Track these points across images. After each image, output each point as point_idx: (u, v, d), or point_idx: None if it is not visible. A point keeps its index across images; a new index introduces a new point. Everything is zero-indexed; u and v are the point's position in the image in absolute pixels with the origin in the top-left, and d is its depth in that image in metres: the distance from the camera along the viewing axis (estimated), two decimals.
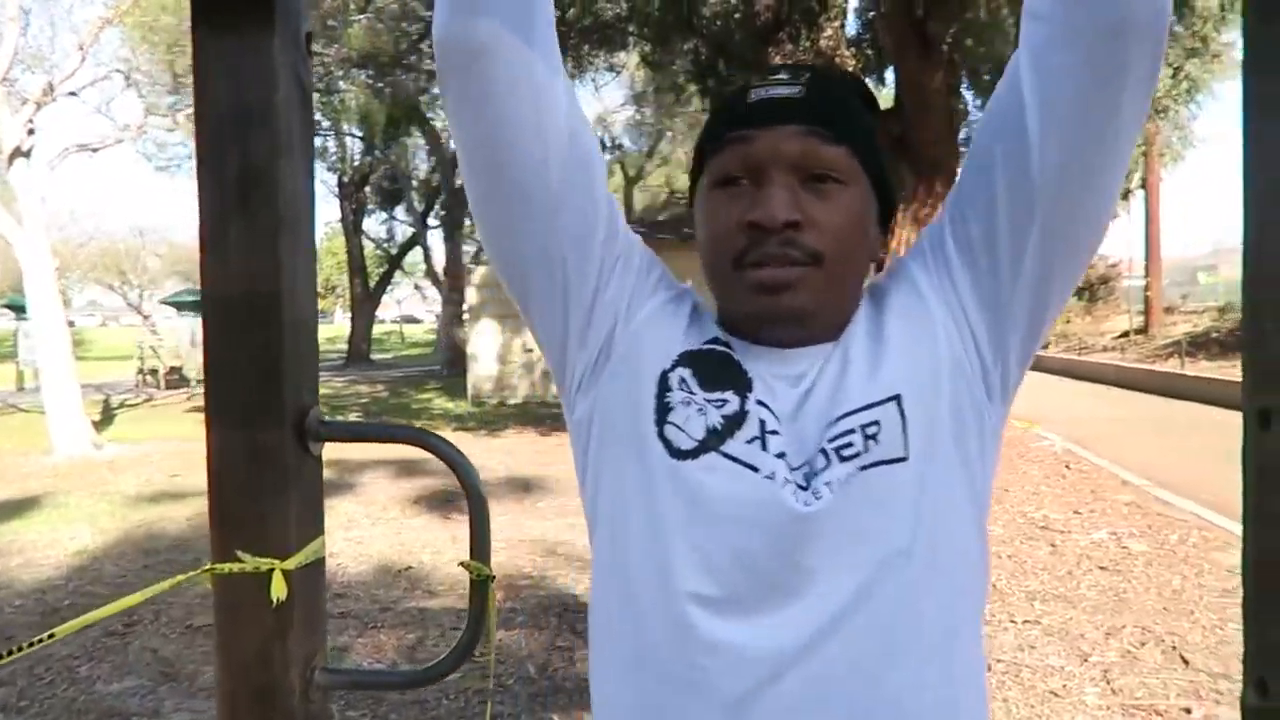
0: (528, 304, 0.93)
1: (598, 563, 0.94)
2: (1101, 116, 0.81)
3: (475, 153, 0.87)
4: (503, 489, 7.63)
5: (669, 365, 0.88)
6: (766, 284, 0.84)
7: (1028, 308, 0.87)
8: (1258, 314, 1.35)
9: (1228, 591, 4.65)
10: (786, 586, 0.82)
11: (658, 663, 0.84)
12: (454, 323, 21.66)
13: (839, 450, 0.82)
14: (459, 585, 4.89)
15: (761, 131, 0.86)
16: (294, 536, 1.39)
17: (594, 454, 0.92)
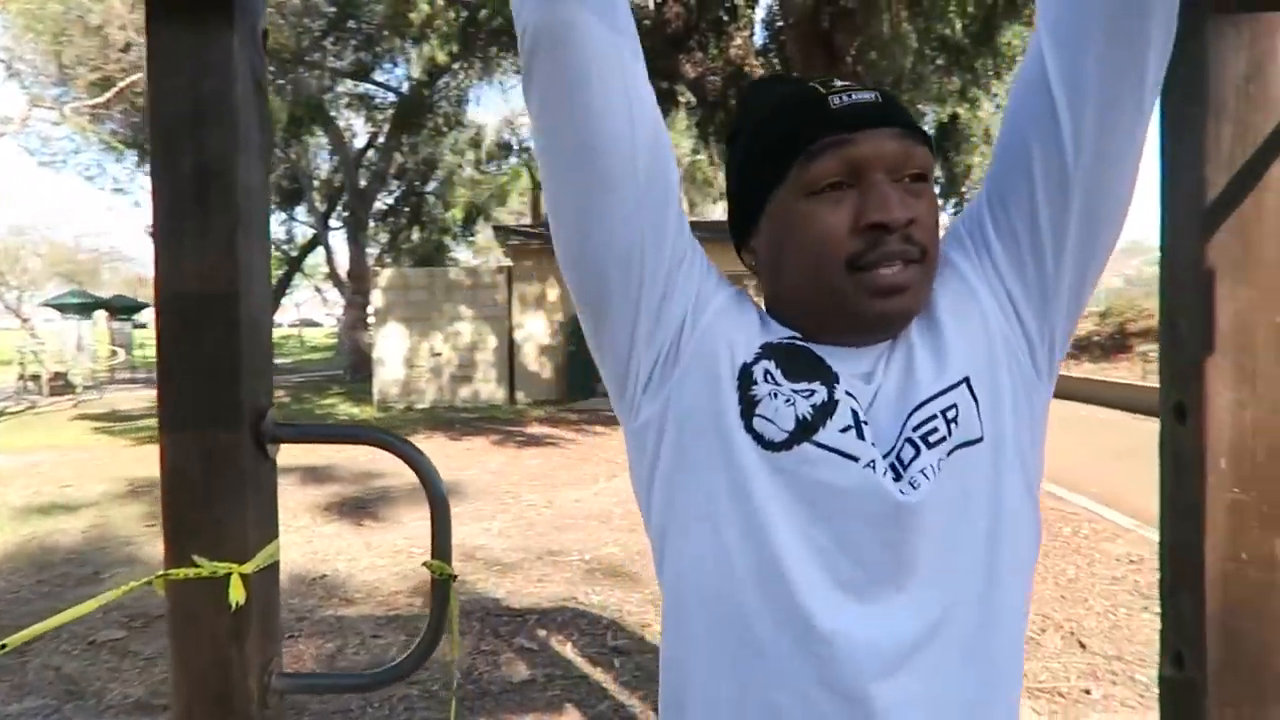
0: (602, 304, 0.90)
1: (678, 568, 0.91)
2: (1128, 94, 0.84)
3: (565, 138, 0.85)
4: (416, 495, 7.51)
5: (751, 359, 0.88)
6: (887, 288, 0.84)
7: (1071, 285, 0.90)
8: (1174, 318, 1.46)
9: (1117, 579, 4.92)
10: (895, 576, 0.83)
11: (773, 654, 0.84)
12: (358, 326, 21.17)
13: (925, 438, 0.84)
14: (376, 592, 4.81)
15: (859, 135, 0.86)
16: (251, 540, 1.37)
17: (667, 456, 0.90)
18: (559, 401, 15.08)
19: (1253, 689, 1.38)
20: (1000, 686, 0.87)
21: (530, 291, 15.92)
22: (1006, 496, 0.87)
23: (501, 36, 18.50)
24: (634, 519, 6.43)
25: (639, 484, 0.96)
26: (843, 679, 0.81)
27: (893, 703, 0.81)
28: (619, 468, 8.63)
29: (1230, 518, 1.37)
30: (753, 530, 0.84)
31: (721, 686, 0.87)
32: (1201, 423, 1.38)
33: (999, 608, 0.86)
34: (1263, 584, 1.37)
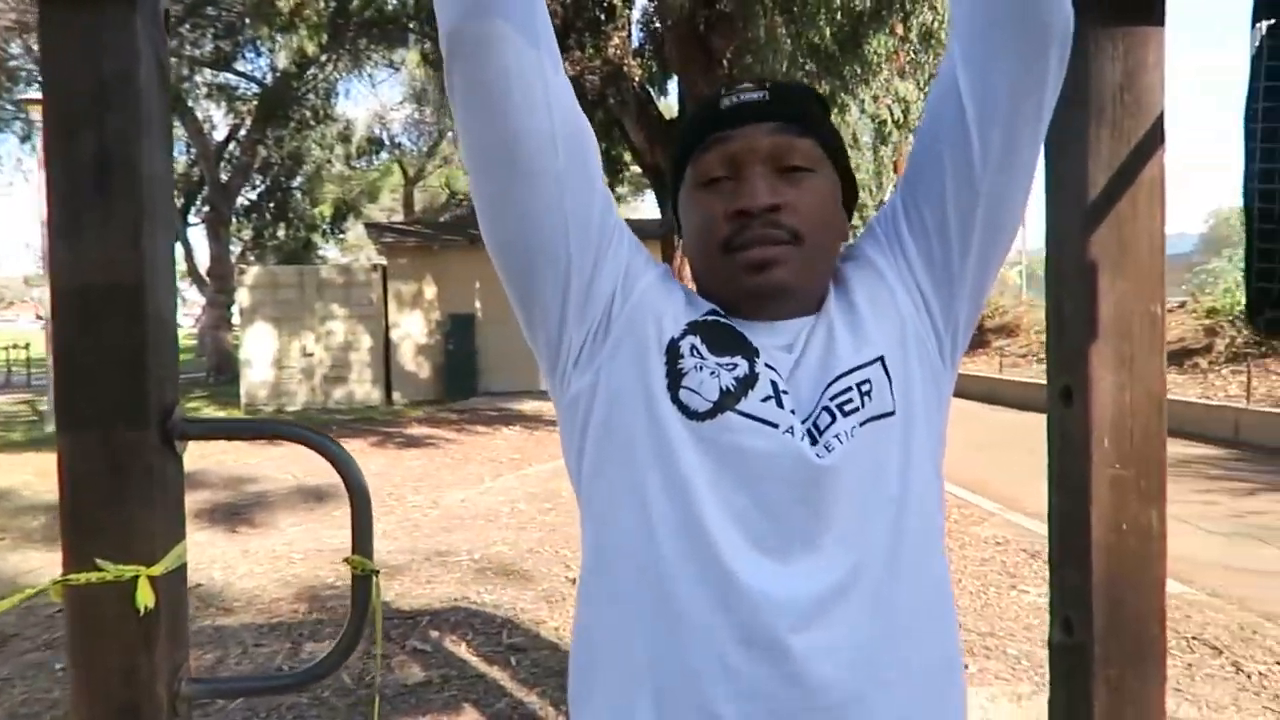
0: (529, 286, 0.95)
1: (600, 534, 0.95)
2: (1029, 114, 0.94)
3: (486, 134, 0.90)
4: (293, 498, 7.26)
5: (678, 334, 0.94)
6: (755, 262, 0.92)
7: (973, 280, 0.99)
8: (1060, 308, 1.57)
9: (986, 560, 5.21)
10: (808, 535, 0.89)
11: (691, 617, 0.87)
12: (221, 326, 20.27)
13: (840, 406, 0.91)
14: (256, 600, 4.64)
15: (738, 131, 0.96)
16: (159, 541, 1.32)
17: (596, 427, 0.95)
18: (438, 401, 14.82)
19: (1133, 650, 1.49)
20: (914, 642, 0.92)
21: (406, 290, 15.60)
22: (914, 468, 0.94)
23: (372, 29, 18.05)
24: (522, 518, 6.41)
25: (569, 454, 1.00)
26: (761, 633, 0.86)
27: (808, 652, 0.86)
28: (504, 467, 8.57)
29: (1112, 493, 1.49)
30: (677, 495, 0.89)
31: (635, 652, 0.90)
32: (1087, 405, 1.49)
33: (906, 567, 0.91)
34: (1141, 553, 1.49)
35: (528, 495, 7.21)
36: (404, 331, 15.52)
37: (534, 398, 14.61)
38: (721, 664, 0.87)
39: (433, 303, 15.60)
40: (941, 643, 0.96)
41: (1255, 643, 3.89)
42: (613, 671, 0.93)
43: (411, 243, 16.14)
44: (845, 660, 0.87)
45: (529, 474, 8.19)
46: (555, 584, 4.81)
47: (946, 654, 0.96)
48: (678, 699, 0.88)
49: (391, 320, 15.46)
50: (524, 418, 12.30)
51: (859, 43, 12.35)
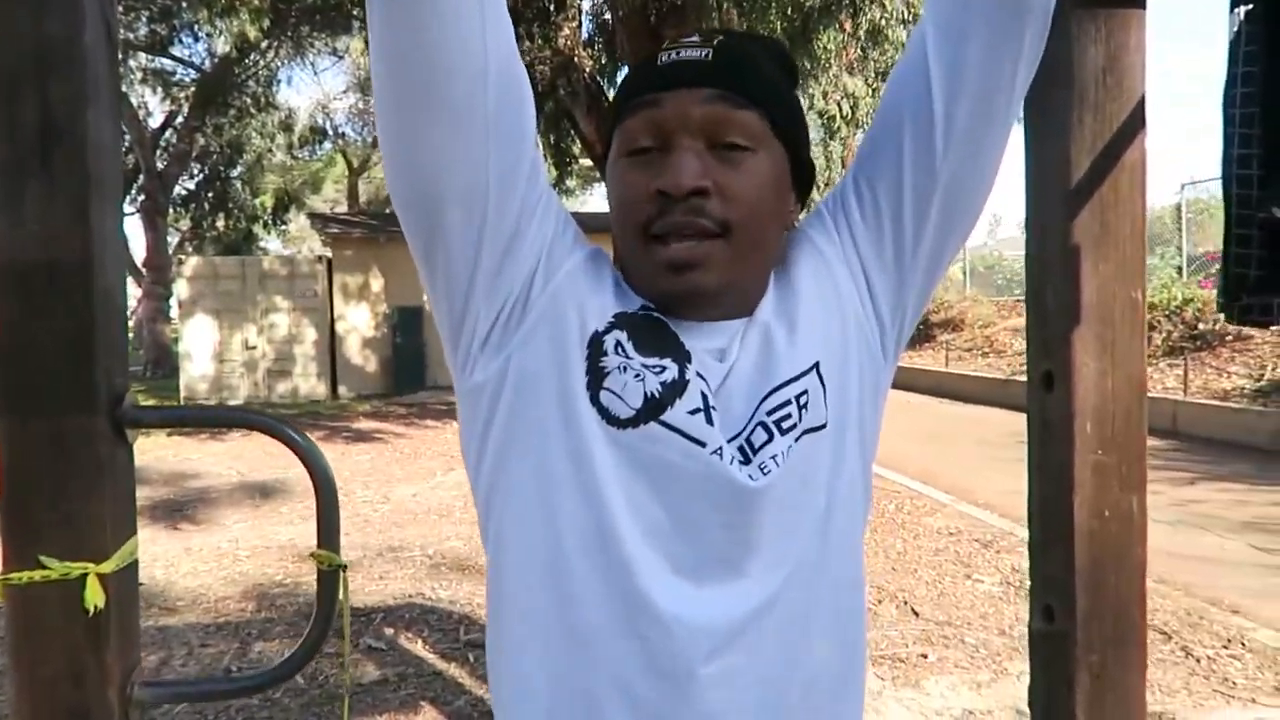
0: (434, 241, 0.82)
1: (504, 540, 0.86)
2: (1000, 92, 0.86)
3: (410, 58, 0.76)
4: (238, 495, 7.08)
5: (603, 327, 0.83)
6: (674, 262, 0.81)
7: (926, 268, 0.92)
8: (1041, 292, 1.55)
9: (940, 550, 5.26)
10: (731, 559, 0.82)
11: (596, 637, 0.81)
12: (158, 318, 19.73)
13: (778, 423, 0.83)
14: (201, 599, 4.50)
15: (669, 95, 0.83)
16: (109, 536, 1.23)
17: (502, 420, 0.84)
18: (386, 395, 14.60)
19: (1114, 636, 1.48)
20: (822, 659, 0.87)
21: (352, 282, 15.33)
22: (843, 478, 0.87)
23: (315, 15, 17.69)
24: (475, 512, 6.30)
25: (468, 446, 0.89)
26: (669, 661, 0.80)
27: (716, 680, 0.80)
28: (455, 461, 8.44)
29: (1095, 479, 1.47)
30: (590, 502, 0.81)
31: (535, 676, 0.83)
32: (1069, 390, 1.47)
33: (826, 581, 0.86)
34: (1123, 539, 1.48)
35: None
36: (350, 324, 15.25)
37: None
38: (625, 691, 0.80)
39: (379, 295, 15.36)
40: (847, 652, 0.91)
41: (1203, 628, 3.98)
42: (510, 689, 0.86)
43: (357, 234, 15.85)
44: (748, 684, 0.82)
45: None
46: None
47: (851, 663, 0.91)
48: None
49: (337, 313, 15.18)
50: None
51: (809, 38, 12.41)
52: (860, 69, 14.89)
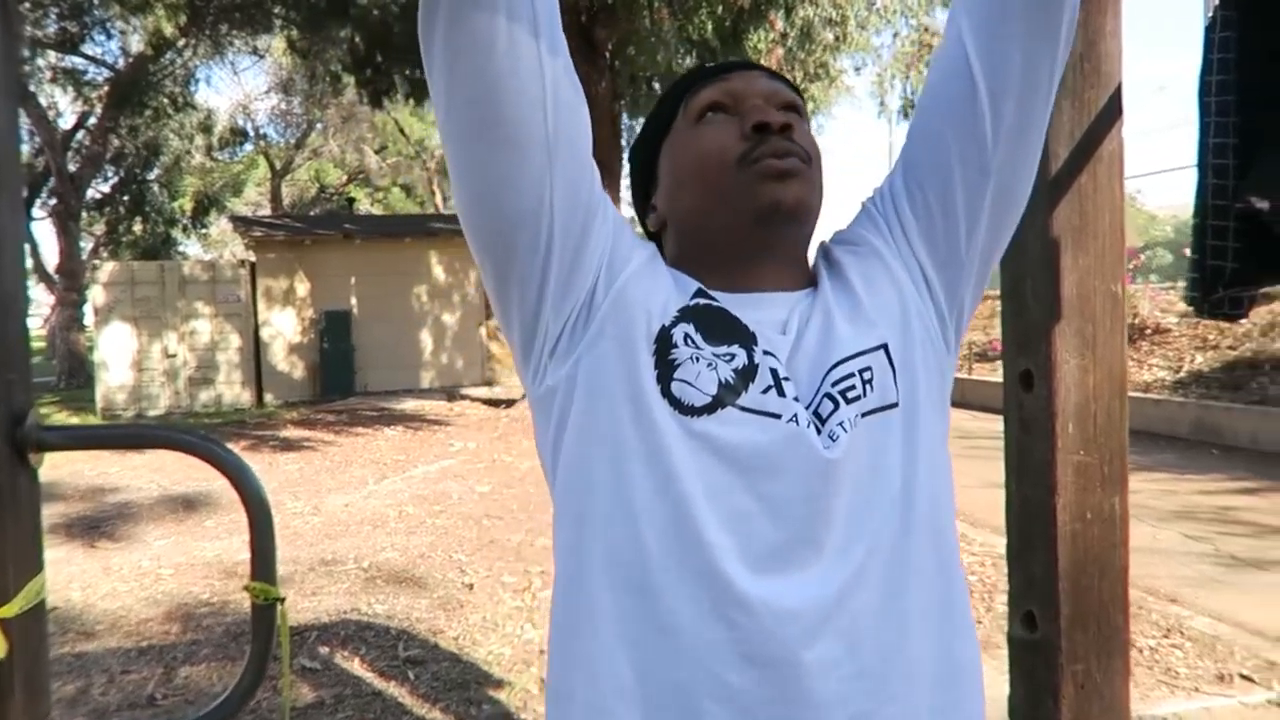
0: (507, 265, 0.86)
1: (580, 539, 0.86)
2: (1042, 83, 0.89)
3: (472, 88, 0.81)
4: (160, 509, 6.76)
5: (669, 321, 0.86)
6: (779, 169, 0.87)
7: (980, 261, 0.94)
8: (1018, 287, 1.49)
9: None
10: (812, 536, 0.81)
11: (684, 629, 0.79)
12: (72, 326, 18.92)
13: (844, 393, 0.84)
14: (122, 622, 4.25)
15: (733, 73, 0.94)
16: (11, 575, 1.09)
17: (575, 422, 0.86)
18: (314, 402, 14.21)
19: (1098, 643, 1.43)
20: (923, 650, 0.84)
21: (277, 286, 14.89)
22: (921, 460, 0.87)
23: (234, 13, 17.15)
24: (411, 522, 6.13)
25: (544, 451, 0.93)
26: (766, 648, 0.79)
27: (814, 667, 0.79)
28: (388, 468, 8.22)
29: (1077, 479, 1.42)
30: (668, 495, 0.81)
31: (619, 669, 0.82)
32: (1050, 389, 1.42)
33: (915, 569, 0.85)
34: (1105, 541, 1.43)
35: (415, 498, 6.92)
36: (275, 330, 14.80)
37: (415, 396, 14.19)
38: (720, 682, 0.79)
39: (306, 299, 14.94)
40: (952, 647, 0.87)
41: (1143, 618, 4.02)
42: (593, 692, 0.83)
43: (281, 237, 15.40)
44: (850, 674, 0.80)
45: (415, 475, 7.88)
46: (451, 590, 4.59)
47: (958, 659, 0.87)
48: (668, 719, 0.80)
49: (261, 318, 14.72)
50: (406, 417, 11.90)
51: (740, 37, 12.44)
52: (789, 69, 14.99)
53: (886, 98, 15.54)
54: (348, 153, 30.71)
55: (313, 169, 34.04)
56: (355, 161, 31.71)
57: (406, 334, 15.48)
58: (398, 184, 34.34)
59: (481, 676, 3.49)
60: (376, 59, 13.26)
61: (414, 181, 34.17)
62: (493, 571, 4.89)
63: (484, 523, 6.05)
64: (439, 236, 16.16)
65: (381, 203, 35.31)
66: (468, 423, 11.29)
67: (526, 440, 9.66)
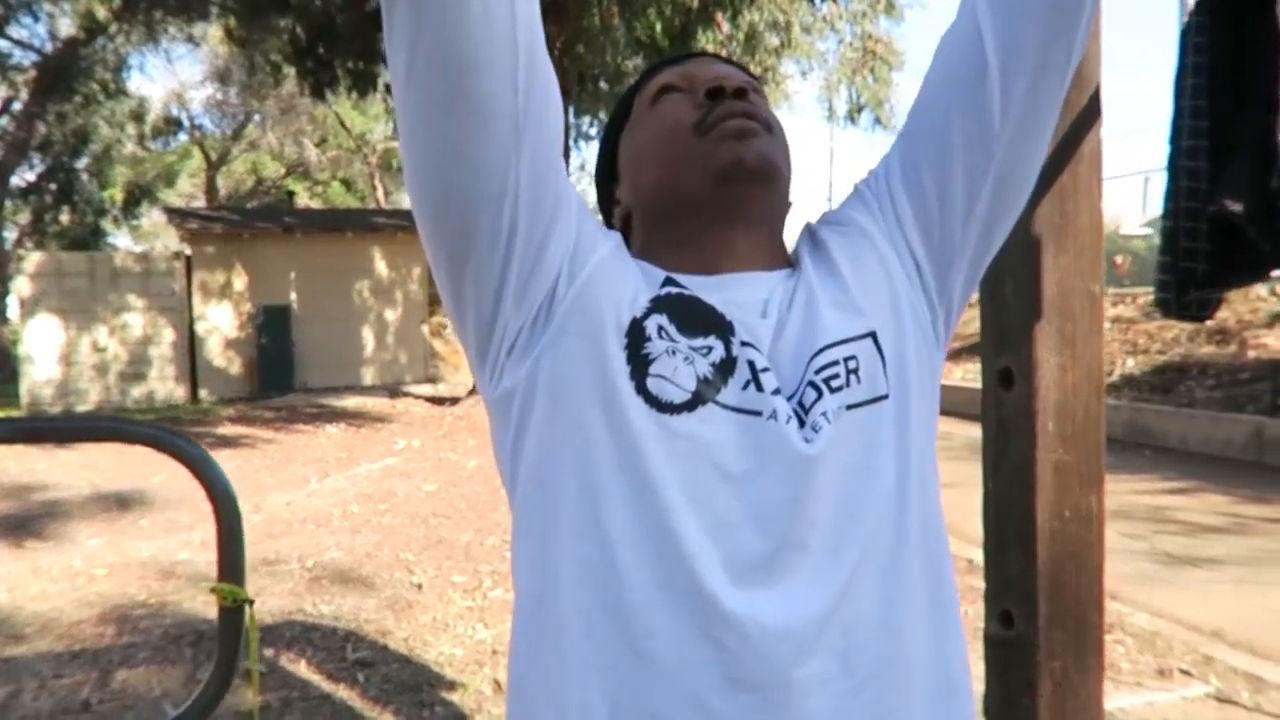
0: (464, 254, 0.79)
1: (544, 554, 0.79)
2: (1059, 63, 0.85)
3: (438, 56, 0.73)
4: (92, 507, 6.53)
5: (640, 313, 0.80)
6: (738, 128, 0.84)
7: (975, 250, 0.90)
8: (998, 286, 1.50)
9: None
10: (798, 540, 0.76)
11: (663, 651, 0.73)
12: None
13: (827, 382, 0.80)
14: (53, 625, 4.09)
15: (691, 60, 0.93)
16: None
17: (536, 429, 0.79)
18: (252, 398, 13.88)
19: (1075, 640, 1.44)
20: (918, 664, 0.80)
21: (213, 280, 14.53)
22: (912, 455, 0.83)
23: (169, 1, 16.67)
24: (356, 520, 6.01)
25: (502, 458, 0.86)
26: (752, 670, 0.73)
27: (808, 688, 0.74)
28: (331, 466, 8.06)
29: (1056, 478, 1.43)
30: (643, 502, 0.75)
31: (589, 697, 0.75)
32: (1031, 387, 1.42)
33: (909, 572, 0.80)
34: (1083, 539, 1.44)
35: (360, 496, 6.79)
36: (211, 324, 14.44)
37: (357, 393, 13.96)
38: (703, 709, 0.73)
39: (243, 294, 14.60)
40: (947, 654, 0.83)
41: None
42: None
43: (219, 229, 15.04)
44: (844, 690, 0.75)
45: (359, 474, 7.73)
46: (399, 590, 4.51)
47: (953, 666, 0.83)
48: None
49: (197, 312, 14.35)
50: (348, 414, 11.69)
51: (687, 38, 12.46)
52: None
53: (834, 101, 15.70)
54: (286, 145, 30.07)
55: (250, 161, 33.28)
56: (294, 154, 31.06)
57: (348, 330, 15.22)
58: (338, 178, 33.73)
59: (433, 678, 3.42)
60: (318, 50, 13.00)
61: (355, 176, 33.60)
62: (441, 571, 4.81)
63: (431, 521, 5.95)
64: (382, 232, 15.92)
65: (321, 197, 34.67)
66: (412, 420, 11.13)
67: (472, 438, 9.56)
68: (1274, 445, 7.20)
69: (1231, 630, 3.84)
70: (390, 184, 33.28)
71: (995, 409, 1.49)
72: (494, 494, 6.84)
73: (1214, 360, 9.26)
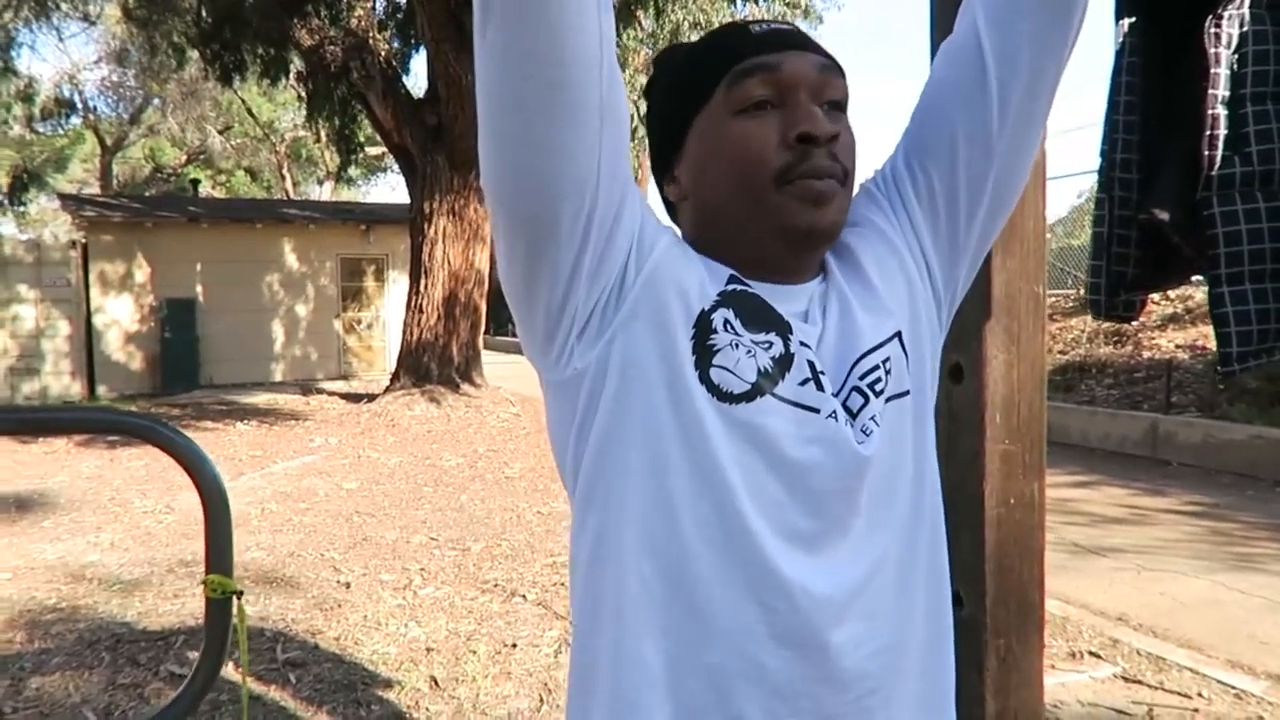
0: (545, 240, 0.80)
1: (610, 532, 0.84)
2: (1052, 69, 0.92)
3: (535, 40, 0.75)
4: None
5: (709, 306, 0.84)
6: (821, 196, 0.84)
7: (977, 243, 0.98)
8: None
9: None
10: (843, 524, 0.85)
11: (720, 614, 0.81)
12: None
13: (872, 386, 0.86)
14: (14, 620, 3.91)
15: (785, 58, 0.87)
16: None
17: (605, 409, 0.84)
18: (154, 394, 13.38)
19: (1018, 619, 1.54)
20: (924, 627, 0.91)
21: (112, 270, 13.95)
22: (926, 443, 0.93)
23: None
24: (276, 520, 5.88)
25: (562, 440, 0.89)
26: (800, 631, 0.82)
27: (845, 647, 0.83)
28: (244, 465, 7.84)
29: (1002, 467, 1.52)
30: (706, 480, 0.82)
31: (647, 657, 0.82)
32: (980, 382, 1.51)
33: (923, 550, 0.91)
34: (1026, 524, 1.54)
35: (278, 495, 6.63)
36: (110, 317, 13.86)
37: (267, 390, 13.60)
38: (754, 664, 0.81)
39: (145, 285, 14.06)
40: (941, 611, 0.95)
41: None
42: (618, 682, 0.83)
43: (119, 218, 14.43)
44: (871, 651, 0.85)
45: (275, 472, 7.54)
46: (326, 589, 4.43)
47: (944, 621, 0.96)
48: (701, 704, 0.82)
49: (94, 304, 13.75)
50: (258, 412, 11.37)
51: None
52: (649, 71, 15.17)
53: None
54: (188, 131, 28.99)
55: (148, 147, 32.04)
56: (196, 141, 29.99)
57: (256, 325, 14.80)
58: (243, 167, 32.72)
59: (368, 677, 3.39)
60: (225, 33, 12.58)
61: (261, 165, 32.64)
62: (369, 570, 4.75)
63: (354, 519, 5.86)
64: (293, 223, 15.52)
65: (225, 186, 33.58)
66: (327, 417, 10.89)
67: (391, 435, 9.42)
68: (1167, 440, 7.61)
69: (1135, 615, 4.07)
70: (298, 174, 32.40)
71: (946, 402, 1.57)
72: (416, 491, 6.77)
73: (1112, 360, 9.74)
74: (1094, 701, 3.21)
